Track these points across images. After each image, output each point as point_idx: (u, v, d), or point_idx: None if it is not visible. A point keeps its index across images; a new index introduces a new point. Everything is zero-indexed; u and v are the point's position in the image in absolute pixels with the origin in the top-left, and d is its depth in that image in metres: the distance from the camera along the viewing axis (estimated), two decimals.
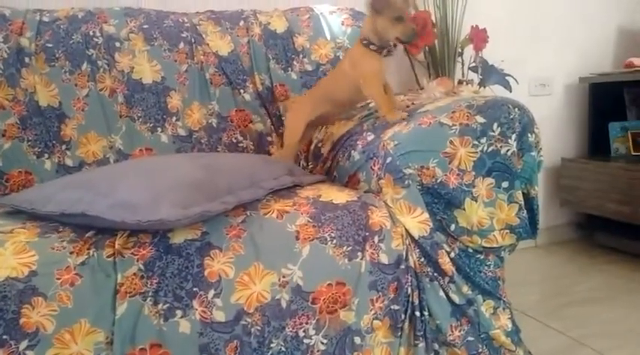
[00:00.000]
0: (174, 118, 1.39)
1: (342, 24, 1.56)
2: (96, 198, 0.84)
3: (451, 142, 0.97)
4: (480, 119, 0.98)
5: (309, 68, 1.52)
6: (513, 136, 0.99)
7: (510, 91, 1.85)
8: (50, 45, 1.33)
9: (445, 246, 0.99)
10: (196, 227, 0.84)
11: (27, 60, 1.30)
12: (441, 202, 0.99)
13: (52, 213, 0.86)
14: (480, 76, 1.89)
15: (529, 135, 1.01)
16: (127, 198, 0.83)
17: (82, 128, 1.31)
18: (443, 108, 1.03)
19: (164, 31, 1.44)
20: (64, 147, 1.29)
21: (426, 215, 0.98)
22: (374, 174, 1.03)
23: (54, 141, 1.29)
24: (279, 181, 0.99)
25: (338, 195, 0.99)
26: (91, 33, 1.37)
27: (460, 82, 1.84)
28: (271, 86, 1.50)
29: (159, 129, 1.37)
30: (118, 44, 1.39)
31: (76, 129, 1.31)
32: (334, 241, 0.90)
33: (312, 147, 1.39)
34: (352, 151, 1.12)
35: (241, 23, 1.53)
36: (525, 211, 1.01)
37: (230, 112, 1.45)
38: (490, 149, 0.98)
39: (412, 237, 0.97)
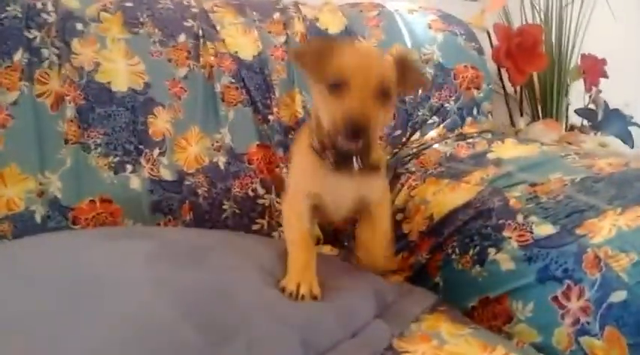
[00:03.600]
0: (156, 151, 0.85)
1: (430, 28, 1.04)
2: None
3: None
4: None
5: None
6: None
7: (632, 147, 1.35)
8: None
9: None
10: None
11: None
12: None
13: None
14: (589, 122, 1.38)
15: None
16: None
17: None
18: None
19: (157, 15, 0.92)
20: None
21: None
22: (565, 318, 0.48)
23: None
24: (365, 337, 0.43)
25: None
26: (40, 5, 0.85)
27: (572, 128, 1.32)
28: None
29: (128, 168, 0.82)
30: (79, 26, 0.86)
31: None
32: None
33: None
34: (493, 250, 0.57)
35: (276, 15, 1.01)
36: None
37: (249, 148, 0.91)
38: None
39: None
